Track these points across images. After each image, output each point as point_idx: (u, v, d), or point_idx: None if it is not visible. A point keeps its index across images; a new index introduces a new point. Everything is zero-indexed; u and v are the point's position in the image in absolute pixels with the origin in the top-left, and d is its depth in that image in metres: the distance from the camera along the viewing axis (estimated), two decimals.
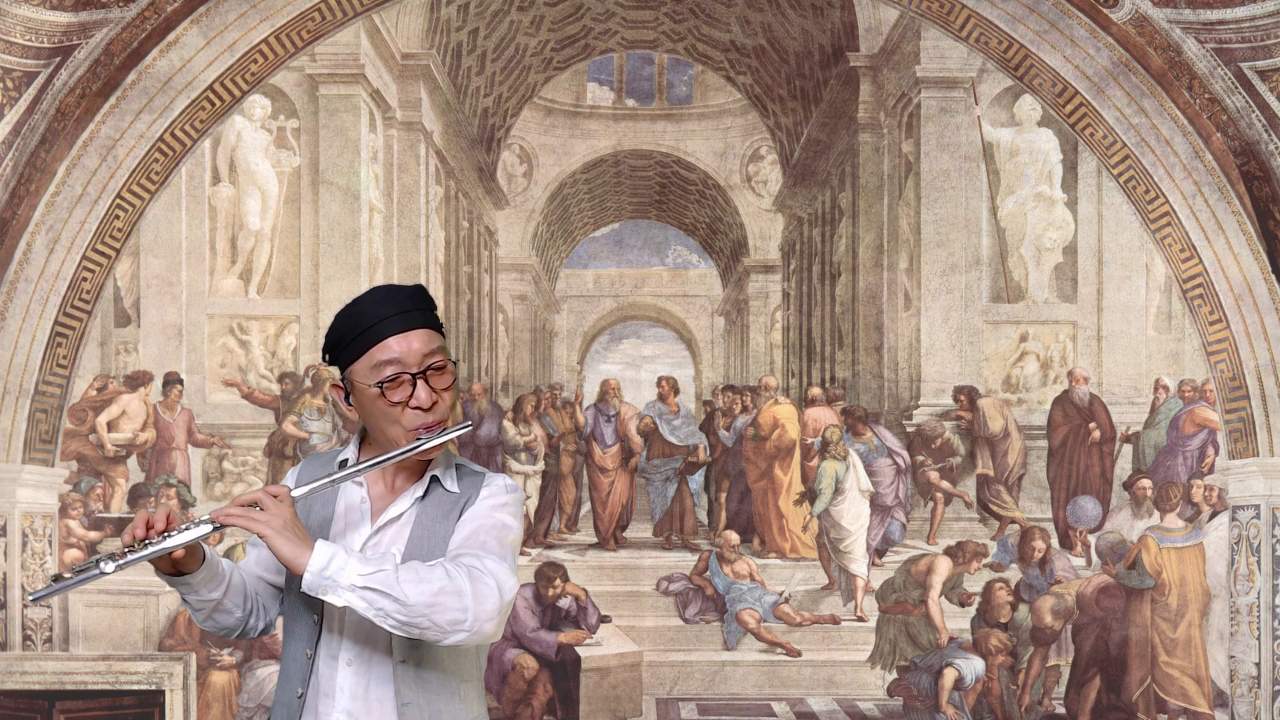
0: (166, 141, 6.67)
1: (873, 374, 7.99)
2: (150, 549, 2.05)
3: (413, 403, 2.18)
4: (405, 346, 2.18)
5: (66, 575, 2.03)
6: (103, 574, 2.03)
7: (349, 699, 2.21)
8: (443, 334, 2.26)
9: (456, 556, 2.13)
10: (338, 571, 2.01)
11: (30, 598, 2.13)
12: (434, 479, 2.27)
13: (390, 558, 2.12)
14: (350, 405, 2.25)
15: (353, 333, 2.19)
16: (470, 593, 2.04)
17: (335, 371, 2.29)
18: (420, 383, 2.18)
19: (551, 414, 7.77)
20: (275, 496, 2.06)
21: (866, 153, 8.23)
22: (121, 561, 2.04)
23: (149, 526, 2.07)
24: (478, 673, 2.31)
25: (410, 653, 2.19)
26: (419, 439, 2.18)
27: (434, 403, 2.20)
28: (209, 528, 2.07)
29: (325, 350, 2.26)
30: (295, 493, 2.11)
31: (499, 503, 2.24)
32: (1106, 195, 7.39)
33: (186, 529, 2.07)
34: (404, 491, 2.28)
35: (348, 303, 2.23)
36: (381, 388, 2.17)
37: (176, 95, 6.60)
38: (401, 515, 2.26)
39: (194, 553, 2.16)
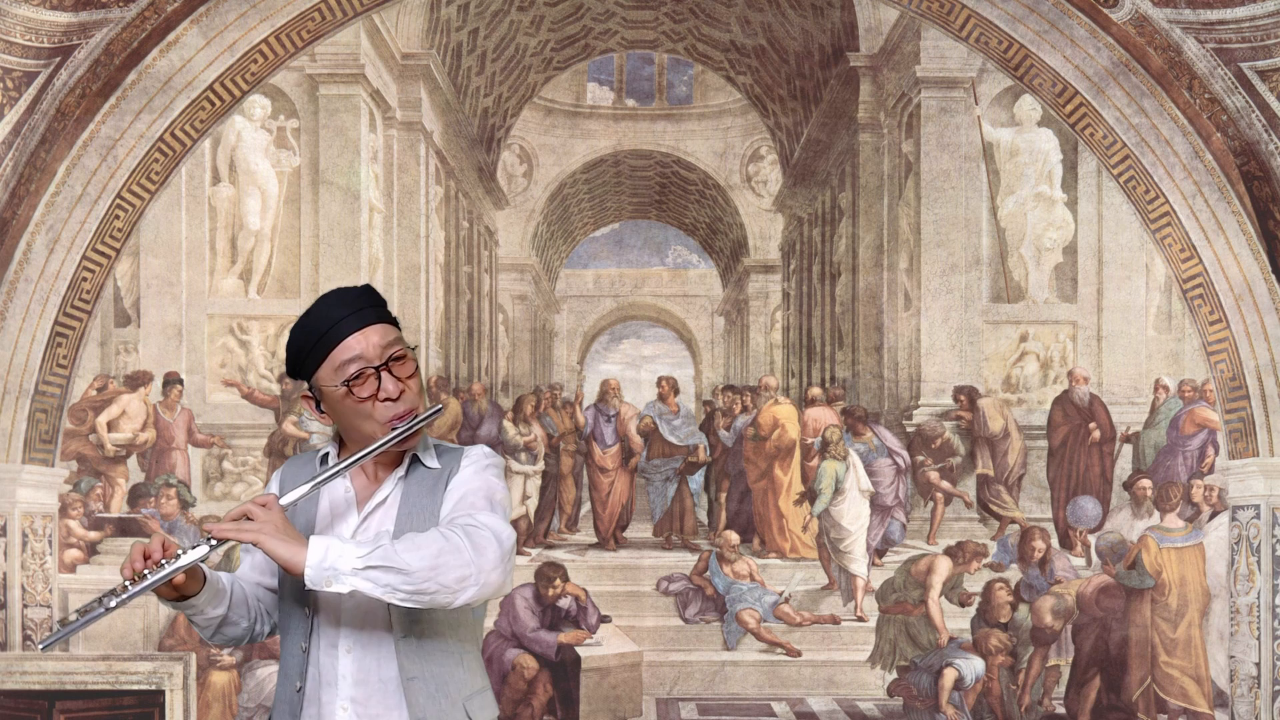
0: (166, 141, 6.66)
1: (873, 374, 7.99)
2: (151, 580, 2.07)
3: (381, 395, 2.22)
4: (364, 342, 2.21)
5: (73, 618, 2.05)
6: (108, 611, 2.05)
7: (352, 685, 2.23)
8: (398, 327, 2.29)
9: (450, 521, 2.16)
10: (336, 560, 2.03)
11: (40, 646, 2.12)
12: (414, 458, 2.31)
13: (383, 535, 2.18)
14: (322, 413, 2.29)
15: (311, 340, 2.23)
16: (469, 547, 2.07)
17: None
18: (385, 374, 2.22)
19: (551, 414, 7.77)
20: (263, 505, 2.09)
21: (866, 153, 8.23)
22: (124, 596, 2.05)
23: (146, 557, 2.08)
24: (476, 643, 2.34)
25: (411, 627, 2.22)
26: (394, 429, 2.21)
27: (401, 392, 2.23)
28: (206, 549, 2.09)
29: (288, 365, 2.29)
30: (282, 500, 2.14)
31: (481, 467, 2.29)
32: (1106, 195, 7.39)
33: (183, 553, 2.09)
34: (386, 478, 2.31)
35: (299, 316, 2.27)
36: (348, 386, 2.20)
37: (176, 95, 6.60)
38: (386, 498, 2.29)
39: (194, 575, 2.18)
